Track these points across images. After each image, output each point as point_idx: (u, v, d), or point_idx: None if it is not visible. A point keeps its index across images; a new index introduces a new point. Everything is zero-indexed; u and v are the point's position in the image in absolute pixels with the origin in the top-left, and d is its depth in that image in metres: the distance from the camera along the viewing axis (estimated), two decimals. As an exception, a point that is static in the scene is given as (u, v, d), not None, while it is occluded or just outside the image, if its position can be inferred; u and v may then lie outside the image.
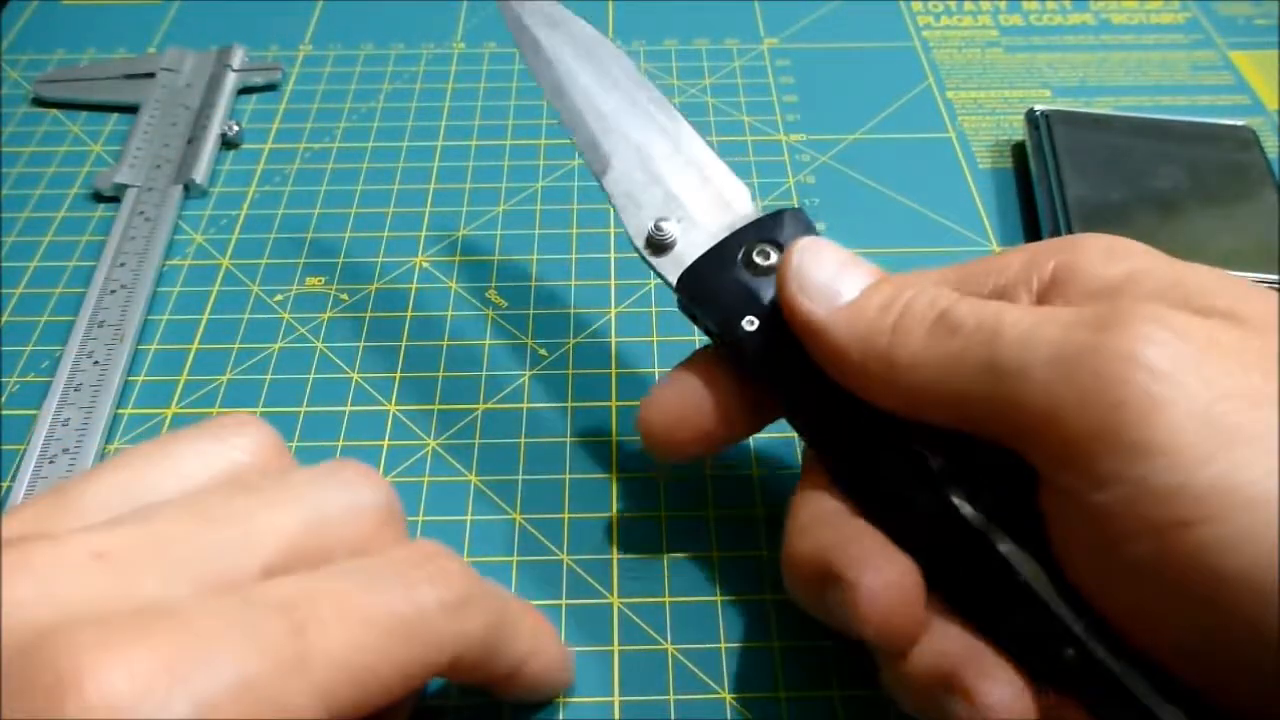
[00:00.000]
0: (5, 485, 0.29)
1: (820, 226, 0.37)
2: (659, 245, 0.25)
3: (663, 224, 0.25)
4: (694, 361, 0.25)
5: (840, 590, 0.20)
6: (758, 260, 0.24)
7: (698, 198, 0.26)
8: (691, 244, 0.25)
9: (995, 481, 0.20)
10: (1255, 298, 0.19)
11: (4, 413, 0.31)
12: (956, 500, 0.20)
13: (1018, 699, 0.19)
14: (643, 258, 0.26)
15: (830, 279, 0.22)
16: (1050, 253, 0.22)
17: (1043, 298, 0.22)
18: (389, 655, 0.17)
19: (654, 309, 0.34)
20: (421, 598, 0.18)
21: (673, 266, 0.25)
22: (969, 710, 0.19)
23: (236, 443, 0.20)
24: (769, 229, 0.25)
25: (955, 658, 0.20)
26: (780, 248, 0.24)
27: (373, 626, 0.17)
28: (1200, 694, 0.18)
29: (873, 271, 0.23)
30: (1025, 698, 0.19)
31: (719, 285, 0.24)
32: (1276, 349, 0.18)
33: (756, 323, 0.24)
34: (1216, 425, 0.17)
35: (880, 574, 0.20)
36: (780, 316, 0.23)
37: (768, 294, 0.24)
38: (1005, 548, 0.20)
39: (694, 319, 0.25)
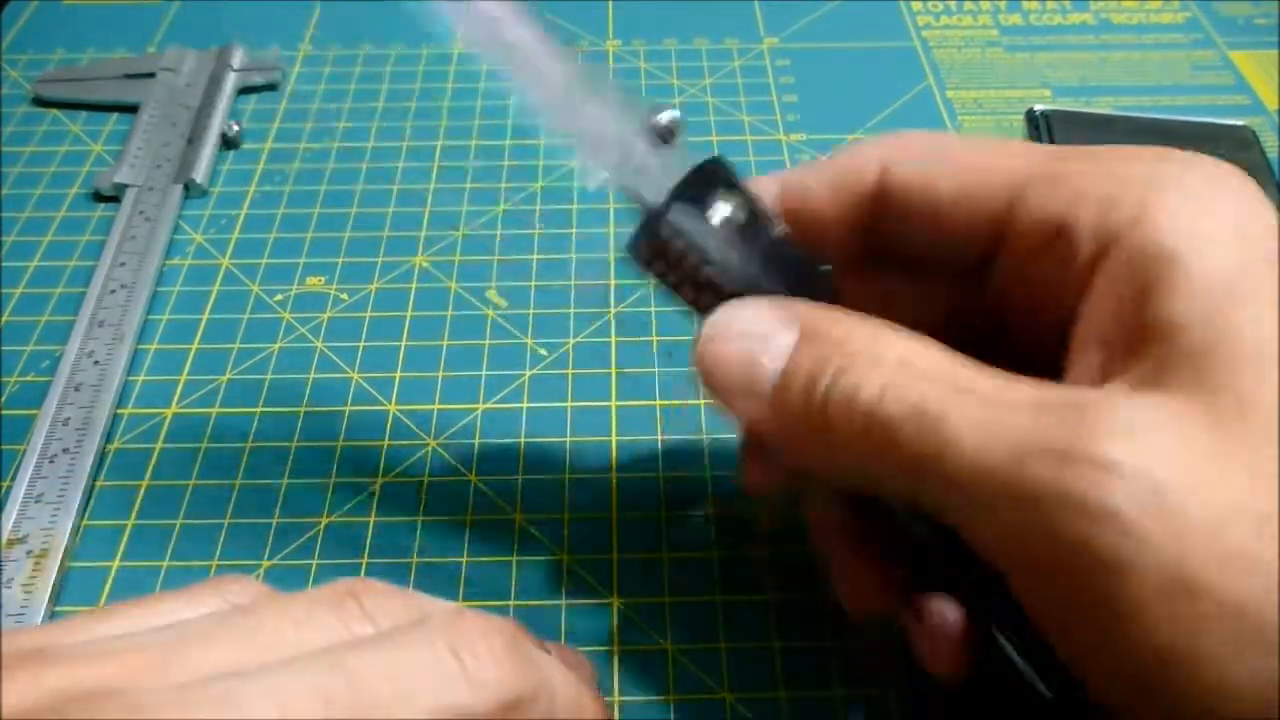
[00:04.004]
0: (5, 485, 0.29)
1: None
2: (665, 132, 0.22)
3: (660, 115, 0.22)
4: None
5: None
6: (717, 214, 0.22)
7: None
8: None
9: None
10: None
11: (4, 413, 0.31)
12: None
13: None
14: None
15: (746, 365, 0.20)
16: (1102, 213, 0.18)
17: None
18: None
19: (653, 309, 0.33)
20: None
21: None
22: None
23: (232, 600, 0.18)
24: (697, 185, 0.22)
25: None
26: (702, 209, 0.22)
27: None
28: None
29: (791, 323, 0.20)
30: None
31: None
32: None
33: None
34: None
35: None
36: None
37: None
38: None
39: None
